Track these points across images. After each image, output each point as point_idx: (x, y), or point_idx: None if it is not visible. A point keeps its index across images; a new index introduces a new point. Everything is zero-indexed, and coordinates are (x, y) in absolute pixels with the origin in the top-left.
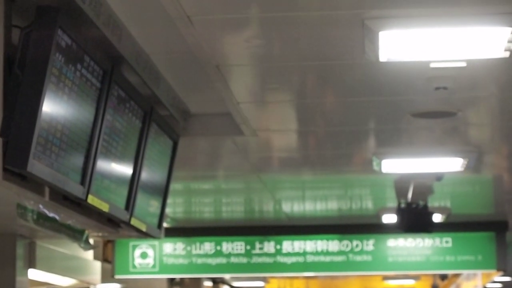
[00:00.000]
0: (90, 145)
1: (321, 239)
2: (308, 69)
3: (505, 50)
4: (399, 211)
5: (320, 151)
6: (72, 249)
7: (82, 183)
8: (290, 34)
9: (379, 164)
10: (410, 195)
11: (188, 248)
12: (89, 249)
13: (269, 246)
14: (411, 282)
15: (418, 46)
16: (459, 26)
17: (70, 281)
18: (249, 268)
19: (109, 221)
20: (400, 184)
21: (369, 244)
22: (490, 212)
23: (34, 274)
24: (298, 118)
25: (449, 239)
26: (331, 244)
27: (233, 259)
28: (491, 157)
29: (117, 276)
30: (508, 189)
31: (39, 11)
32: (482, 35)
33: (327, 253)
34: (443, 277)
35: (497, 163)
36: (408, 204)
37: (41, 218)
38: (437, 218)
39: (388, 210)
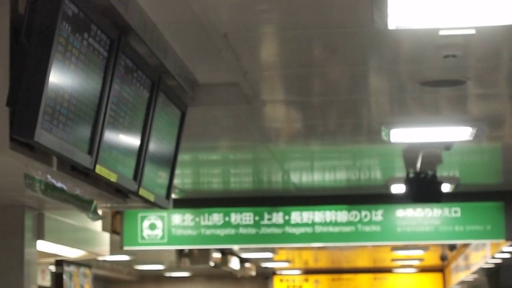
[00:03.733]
0: (97, 114)
1: (330, 210)
2: (316, 37)
3: None
4: (408, 181)
5: (328, 121)
6: (80, 220)
7: (90, 153)
8: (296, 0)
9: (388, 134)
10: (418, 164)
11: (197, 219)
12: (97, 219)
13: (278, 217)
14: (419, 252)
15: (427, 13)
16: None
17: (79, 252)
18: (257, 239)
19: (117, 191)
20: (409, 153)
21: (378, 214)
22: (499, 182)
23: (42, 245)
24: (306, 88)
25: (458, 209)
26: (340, 215)
27: (242, 230)
28: (500, 126)
29: (125, 248)
30: None
31: None
32: (492, 2)
33: (335, 223)
34: (452, 247)
35: (506, 132)
36: (417, 174)
37: (49, 189)
38: (445, 187)
39: (397, 180)
